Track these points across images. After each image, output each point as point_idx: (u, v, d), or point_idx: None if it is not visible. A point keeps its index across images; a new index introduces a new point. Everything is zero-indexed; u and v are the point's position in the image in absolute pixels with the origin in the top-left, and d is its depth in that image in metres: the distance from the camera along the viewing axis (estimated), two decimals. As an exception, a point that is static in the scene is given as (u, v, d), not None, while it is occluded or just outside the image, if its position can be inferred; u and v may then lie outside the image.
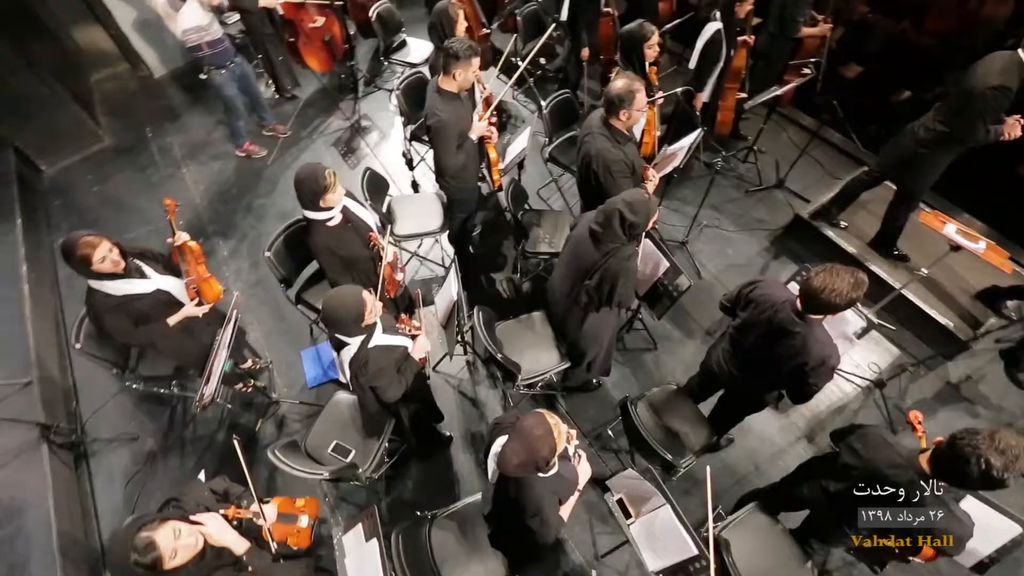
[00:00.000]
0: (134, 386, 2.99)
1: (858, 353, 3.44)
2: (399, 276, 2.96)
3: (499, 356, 2.71)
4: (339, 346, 2.19)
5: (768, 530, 2.52)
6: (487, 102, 3.33)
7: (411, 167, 4.49)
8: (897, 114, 4.96)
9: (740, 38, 3.77)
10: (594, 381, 3.43)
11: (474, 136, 3.01)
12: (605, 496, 2.45)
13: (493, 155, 3.29)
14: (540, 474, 1.80)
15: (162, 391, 3.11)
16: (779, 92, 3.81)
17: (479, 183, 3.59)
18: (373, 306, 2.08)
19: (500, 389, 3.46)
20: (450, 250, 4.05)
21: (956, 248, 2.91)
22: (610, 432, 3.25)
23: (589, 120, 2.88)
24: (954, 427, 1.68)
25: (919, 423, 2.13)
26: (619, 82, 2.61)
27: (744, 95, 4.10)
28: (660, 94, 3.26)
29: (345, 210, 2.60)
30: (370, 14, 4.53)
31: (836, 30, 4.40)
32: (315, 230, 2.52)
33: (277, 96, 5.18)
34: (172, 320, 2.60)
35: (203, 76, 4.10)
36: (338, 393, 2.91)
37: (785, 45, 4.13)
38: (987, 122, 2.87)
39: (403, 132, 4.52)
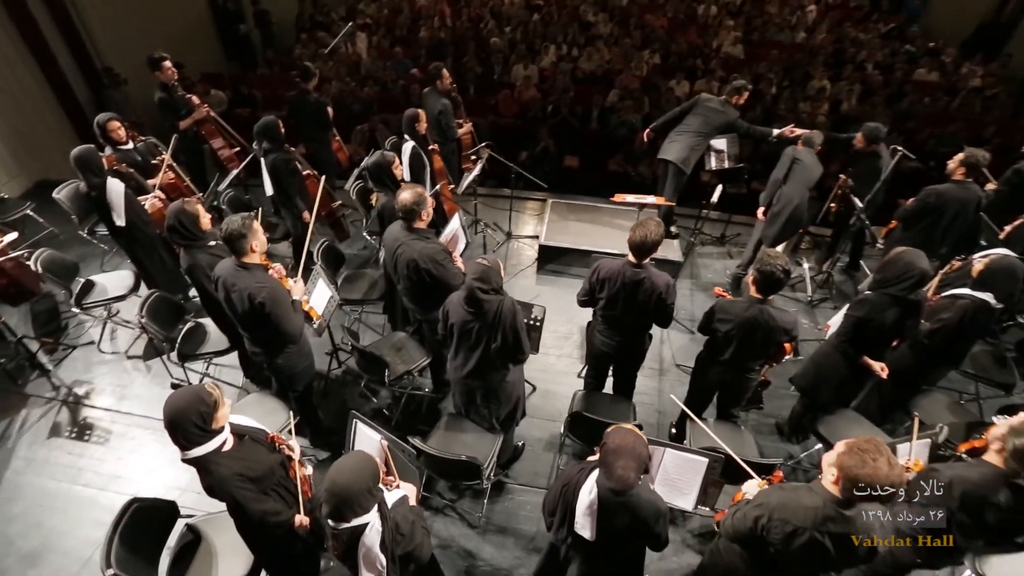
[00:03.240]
0: None
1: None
2: (308, 471, 2.53)
3: (464, 457, 2.66)
4: (354, 539, 1.81)
5: (710, 428, 3.19)
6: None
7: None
8: (534, 163, 6.96)
9: (430, 147, 4.73)
10: (519, 445, 3.58)
11: (297, 296, 2.91)
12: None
13: (308, 308, 3.19)
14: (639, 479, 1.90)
15: None
16: (473, 176, 4.93)
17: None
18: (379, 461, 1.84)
19: (457, 512, 3.23)
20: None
21: (643, 206, 4.40)
22: (562, 468, 3.46)
23: (392, 236, 3.18)
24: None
25: (723, 291, 3.18)
26: (406, 194, 3.03)
27: (453, 186, 5.08)
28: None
29: (232, 426, 2.14)
30: (34, 264, 3.66)
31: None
32: (214, 465, 1.99)
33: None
34: None
35: None
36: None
37: (451, 145, 5.34)
38: (757, 132, 4.84)
39: (162, 362, 3.80)
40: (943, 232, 3.99)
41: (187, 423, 1.90)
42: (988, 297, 2.95)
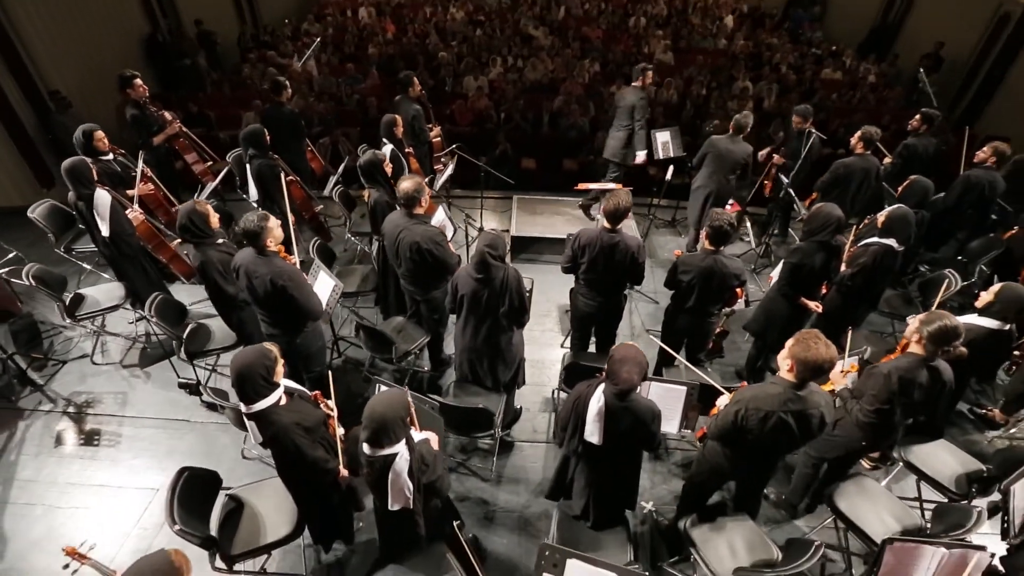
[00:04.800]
0: None
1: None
2: (341, 431, 2.80)
3: (480, 406, 3.01)
4: (386, 466, 2.10)
5: (680, 372, 3.70)
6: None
7: (199, 392, 3.89)
8: (494, 166, 7.39)
9: (406, 150, 5.06)
10: (518, 408, 3.94)
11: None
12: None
13: None
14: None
15: None
16: (447, 175, 5.30)
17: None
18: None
19: (470, 470, 3.55)
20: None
21: (604, 191, 4.92)
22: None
23: (393, 223, 3.49)
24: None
25: (680, 252, 3.71)
26: (406, 184, 3.37)
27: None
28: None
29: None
30: (25, 277, 3.70)
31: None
32: (275, 416, 2.24)
33: None
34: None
35: None
36: None
37: (423, 148, 5.69)
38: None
39: (169, 364, 3.92)
40: (852, 197, 4.74)
41: (255, 376, 2.16)
42: (891, 242, 3.61)
